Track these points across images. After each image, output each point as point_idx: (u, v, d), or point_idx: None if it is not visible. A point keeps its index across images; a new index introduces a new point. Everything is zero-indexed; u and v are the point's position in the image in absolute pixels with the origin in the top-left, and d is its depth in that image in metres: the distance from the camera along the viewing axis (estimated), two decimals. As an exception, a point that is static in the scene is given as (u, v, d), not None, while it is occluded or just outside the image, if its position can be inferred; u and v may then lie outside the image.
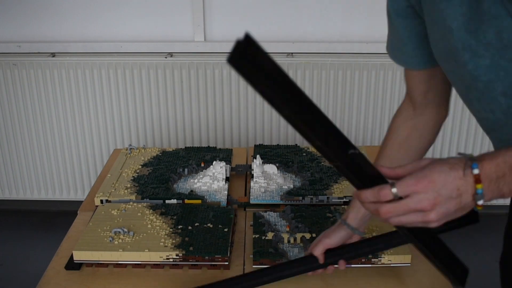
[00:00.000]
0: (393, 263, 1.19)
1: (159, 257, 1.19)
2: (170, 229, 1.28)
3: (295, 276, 1.14)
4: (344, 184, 1.50)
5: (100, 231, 1.27)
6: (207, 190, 1.50)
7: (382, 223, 1.25)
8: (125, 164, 1.65)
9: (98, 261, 1.20)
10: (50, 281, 1.18)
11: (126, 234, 1.25)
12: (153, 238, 1.24)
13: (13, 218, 2.63)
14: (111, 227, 1.28)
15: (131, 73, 2.33)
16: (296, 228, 1.29)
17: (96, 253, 1.20)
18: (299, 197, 1.44)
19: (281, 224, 1.32)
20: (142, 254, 1.19)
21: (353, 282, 1.16)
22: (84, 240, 1.24)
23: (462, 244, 2.32)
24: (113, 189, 1.49)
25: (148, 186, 1.51)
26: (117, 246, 1.21)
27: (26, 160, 2.51)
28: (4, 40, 2.38)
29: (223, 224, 1.30)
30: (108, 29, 2.36)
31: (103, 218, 1.33)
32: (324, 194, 1.45)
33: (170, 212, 1.35)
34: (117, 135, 2.44)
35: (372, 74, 2.30)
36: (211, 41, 2.36)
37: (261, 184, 1.50)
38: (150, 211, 1.36)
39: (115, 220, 1.32)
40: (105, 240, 1.23)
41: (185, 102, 2.36)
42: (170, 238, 1.24)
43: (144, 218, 1.33)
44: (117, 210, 1.36)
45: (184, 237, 1.24)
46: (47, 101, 2.39)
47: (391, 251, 1.19)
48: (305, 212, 1.37)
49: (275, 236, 1.26)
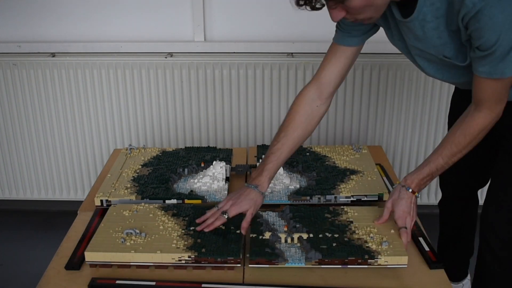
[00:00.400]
0: (390, 264, 1.19)
1: (171, 259, 1.19)
2: (182, 230, 1.28)
3: (293, 276, 1.14)
4: (350, 184, 1.50)
5: (112, 232, 1.26)
6: (207, 190, 1.50)
7: (380, 228, 1.29)
8: (125, 164, 1.65)
9: (110, 262, 1.20)
10: (50, 281, 1.18)
11: (138, 235, 1.25)
12: (165, 239, 1.24)
13: (13, 218, 2.63)
14: (123, 228, 1.28)
15: (131, 73, 2.33)
16: (294, 228, 1.29)
17: (108, 254, 1.19)
18: (307, 197, 1.44)
19: (279, 224, 1.32)
20: (154, 256, 1.19)
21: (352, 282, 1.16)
22: (96, 241, 1.23)
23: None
24: (113, 189, 1.49)
25: (148, 186, 1.50)
26: (129, 247, 1.21)
27: (26, 160, 2.50)
28: (4, 40, 2.38)
29: (235, 225, 1.29)
30: (108, 29, 2.36)
31: (114, 219, 1.33)
32: (332, 193, 1.45)
33: (182, 214, 1.35)
34: (117, 135, 2.44)
35: (372, 74, 2.30)
36: (211, 41, 2.35)
37: None
38: (162, 212, 1.36)
39: (126, 221, 1.31)
40: (117, 241, 1.23)
41: (185, 102, 2.36)
42: (182, 240, 1.23)
43: (156, 219, 1.32)
44: (128, 211, 1.36)
45: (196, 239, 1.24)
46: (47, 101, 2.39)
47: (388, 252, 1.19)
48: (304, 212, 1.37)
49: (273, 235, 1.26)
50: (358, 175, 1.55)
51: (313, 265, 1.19)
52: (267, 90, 2.34)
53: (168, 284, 1.15)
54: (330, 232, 1.27)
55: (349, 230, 1.29)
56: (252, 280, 1.17)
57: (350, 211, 1.37)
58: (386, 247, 1.21)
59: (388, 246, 1.21)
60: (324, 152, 1.72)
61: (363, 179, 1.53)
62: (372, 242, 1.23)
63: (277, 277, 1.17)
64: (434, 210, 2.65)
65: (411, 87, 2.32)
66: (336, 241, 1.24)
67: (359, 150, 1.71)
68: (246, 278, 1.18)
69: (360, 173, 1.56)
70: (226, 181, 1.53)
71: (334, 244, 1.23)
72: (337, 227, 1.29)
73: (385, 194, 1.45)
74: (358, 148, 1.72)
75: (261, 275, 1.18)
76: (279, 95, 2.34)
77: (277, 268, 1.19)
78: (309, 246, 1.22)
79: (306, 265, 1.19)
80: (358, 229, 1.28)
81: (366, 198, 1.45)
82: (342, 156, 1.68)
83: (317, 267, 1.19)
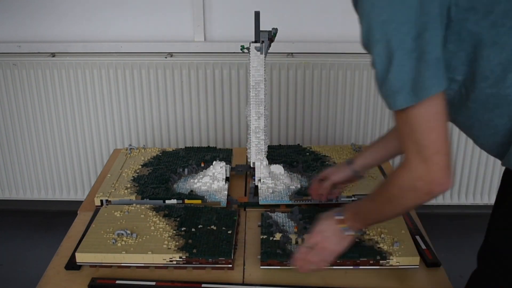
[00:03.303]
0: (402, 265, 1.18)
1: (162, 260, 1.19)
2: (174, 231, 1.27)
3: (293, 277, 1.14)
4: (352, 184, 1.50)
5: (103, 233, 1.26)
6: (207, 190, 1.50)
7: (390, 225, 1.28)
8: (125, 164, 1.65)
9: (100, 263, 1.20)
10: (50, 281, 1.18)
11: (129, 236, 1.24)
12: (156, 240, 1.24)
13: (13, 218, 2.63)
14: (114, 229, 1.27)
15: (131, 73, 2.33)
16: (304, 229, 1.28)
17: (99, 255, 1.19)
18: (308, 197, 1.44)
19: (289, 225, 1.32)
20: (145, 257, 1.18)
21: (352, 282, 1.16)
22: (86, 242, 1.23)
23: (462, 244, 2.31)
24: (113, 189, 1.49)
25: (148, 186, 1.50)
26: (120, 248, 1.20)
27: (26, 160, 2.50)
28: (4, 40, 2.38)
29: (227, 226, 1.29)
30: (108, 29, 2.36)
31: (105, 219, 1.33)
32: None
33: (173, 214, 1.35)
34: (117, 135, 2.44)
35: (372, 74, 2.29)
36: (211, 41, 2.35)
37: (269, 185, 1.50)
38: (153, 212, 1.36)
39: (118, 222, 1.31)
40: (108, 242, 1.23)
41: (185, 102, 2.36)
42: (174, 240, 1.23)
43: (147, 220, 1.32)
44: (120, 211, 1.36)
45: (188, 239, 1.23)
46: (47, 101, 2.39)
47: (400, 253, 1.19)
48: (313, 213, 1.36)
49: (283, 237, 1.26)
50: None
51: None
52: (267, 90, 2.33)
53: (168, 284, 1.15)
54: None
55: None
56: (252, 280, 1.17)
57: None
58: (397, 248, 1.20)
59: (399, 247, 1.20)
60: (324, 152, 1.72)
61: (363, 179, 1.52)
62: (383, 243, 1.22)
63: (277, 277, 1.17)
64: (435, 210, 2.66)
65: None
66: None
67: (359, 150, 1.71)
68: (246, 278, 1.18)
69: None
70: (226, 181, 1.53)
71: None
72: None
73: None
74: (358, 148, 1.72)
75: (261, 275, 1.18)
76: (279, 95, 2.34)
77: (277, 268, 1.19)
78: None
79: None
80: (369, 230, 1.27)
81: None
82: (342, 156, 1.68)
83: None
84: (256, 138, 1.53)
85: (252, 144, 1.53)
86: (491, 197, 2.44)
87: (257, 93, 1.49)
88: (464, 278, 1.09)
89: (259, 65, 1.47)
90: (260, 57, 1.46)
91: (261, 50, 1.44)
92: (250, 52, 1.45)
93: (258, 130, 1.52)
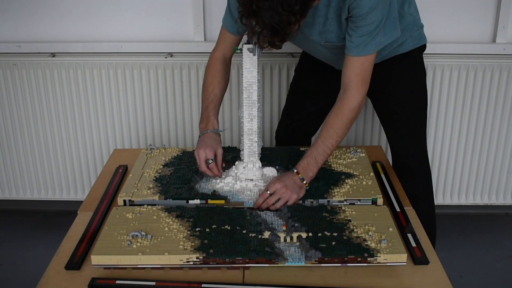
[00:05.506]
0: (389, 262, 1.19)
1: (179, 260, 1.19)
2: (188, 231, 1.27)
3: (293, 276, 1.14)
4: (344, 188, 1.50)
5: (116, 235, 1.26)
6: (229, 190, 1.50)
7: (377, 224, 1.30)
8: (146, 164, 1.65)
9: (116, 265, 1.19)
10: (50, 281, 1.18)
11: (144, 237, 1.24)
12: (171, 241, 1.24)
13: (13, 218, 2.63)
14: (128, 230, 1.27)
15: (131, 73, 2.33)
16: (292, 227, 1.29)
17: (115, 257, 1.19)
18: (299, 201, 1.44)
19: (278, 223, 1.32)
20: (162, 258, 1.18)
21: (352, 282, 1.16)
22: (101, 244, 1.23)
23: (462, 244, 2.31)
24: (135, 189, 1.49)
25: (170, 186, 1.50)
26: (136, 250, 1.20)
27: (26, 160, 2.50)
28: (4, 40, 2.38)
29: (241, 226, 1.30)
30: (108, 29, 2.36)
31: (118, 221, 1.32)
32: (325, 197, 1.45)
33: (185, 215, 1.35)
34: (117, 135, 2.44)
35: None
36: (211, 41, 2.35)
37: (261, 188, 1.50)
38: (166, 213, 1.36)
39: (130, 224, 1.31)
40: (123, 244, 1.22)
41: (185, 102, 2.36)
42: (189, 241, 1.23)
43: (160, 221, 1.32)
44: (131, 213, 1.36)
45: (203, 240, 1.24)
46: (47, 101, 2.39)
47: (387, 250, 1.20)
48: (302, 211, 1.37)
49: (272, 235, 1.26)
50: (353, 179, 1.54)
51: (312, 264, 1.19)
52: (267, 90, 2.34)
53: (168, 284, 1.15)
54: (329, 230, 1.28)
55: (348, 228, 1.29)
56: (252, 280, 1.17)
57: (347, 210, 1.37)
58: (385, 245, 1.22)
59: (387, 244, 1.22)
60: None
61: (358, 183, 1.52)
62: (371, 240, 1.24)
63: (277, 277, 1.17)
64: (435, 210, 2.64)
65: (411, 87, 2.31)
66: (335, 239, 1.24)
67: (357, 154, 1.70)
68: (246, 278, 1.18)
69: (356, 177, 1.56)
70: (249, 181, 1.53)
71: (333, 243, 1.23)
72: (336, 226, 1.30)
73: (379, 198, 1.45)
74: (356, 151, 1.71)
75: (261, 275, 1.18)
76: (279, 95, 2.34)
77: (277, 267, 1.19)
78: (309, 245, 1.22)
79: (306, 264, 1.19)
80: (357, 228, 1.29)
81: (359, 202, 1.44)
82: (339, 160, 1.67)
83: (316, 266, 1.19)
84: (249, 140, 1.52)
85: (245, 146, 1.53)
86: (491, 197, 2.44)
87: (249, 94, 1.49)
88: (464, 278, 1.09)
89: (251, 66, 1.46)
90: (253, 58, 1.45)
91: (254, 51, 1.43)
92: (243, 53, 1.45)
93: (251, 132, 1.52)
